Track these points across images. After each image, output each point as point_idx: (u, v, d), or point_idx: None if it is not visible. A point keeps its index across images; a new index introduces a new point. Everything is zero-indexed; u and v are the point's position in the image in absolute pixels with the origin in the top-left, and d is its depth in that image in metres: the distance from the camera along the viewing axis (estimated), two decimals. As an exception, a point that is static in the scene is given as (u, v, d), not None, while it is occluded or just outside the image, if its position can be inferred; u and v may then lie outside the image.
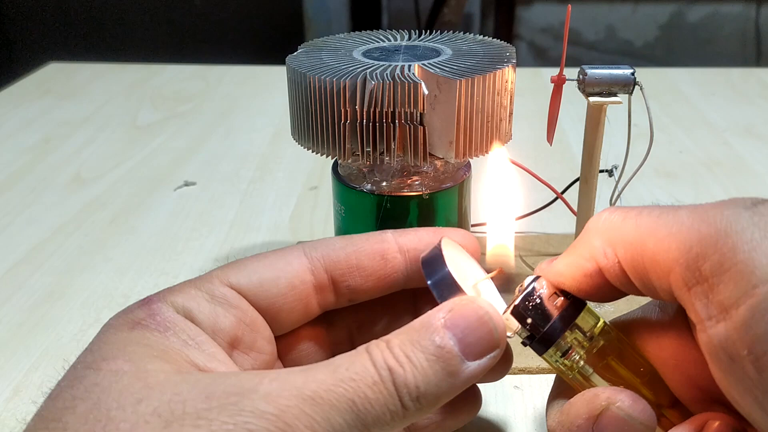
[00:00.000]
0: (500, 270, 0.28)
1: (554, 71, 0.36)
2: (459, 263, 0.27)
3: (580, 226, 0.40)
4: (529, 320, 0.26)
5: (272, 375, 0.22)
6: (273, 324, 0.28)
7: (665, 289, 0.24)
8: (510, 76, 0.34)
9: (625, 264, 0.25)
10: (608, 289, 0.26)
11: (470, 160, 0.37)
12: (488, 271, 0.28)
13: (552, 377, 0.35)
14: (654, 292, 0.25)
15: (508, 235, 0.29)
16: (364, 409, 0.22)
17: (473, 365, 0.23)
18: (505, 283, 0.42)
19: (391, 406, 0.22)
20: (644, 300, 0.27)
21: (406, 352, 0.23)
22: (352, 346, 0.24)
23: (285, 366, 0.29)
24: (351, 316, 0.30)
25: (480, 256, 0.29)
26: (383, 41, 0.38)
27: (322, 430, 0.21)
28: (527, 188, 0.54)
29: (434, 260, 0.26)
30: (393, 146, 0.32)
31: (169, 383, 0.22)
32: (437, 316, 0.23)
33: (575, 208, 0.41)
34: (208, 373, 0.24)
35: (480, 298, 0.25)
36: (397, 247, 0.28)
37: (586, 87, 0.36)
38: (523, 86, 0.51)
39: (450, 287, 0.25)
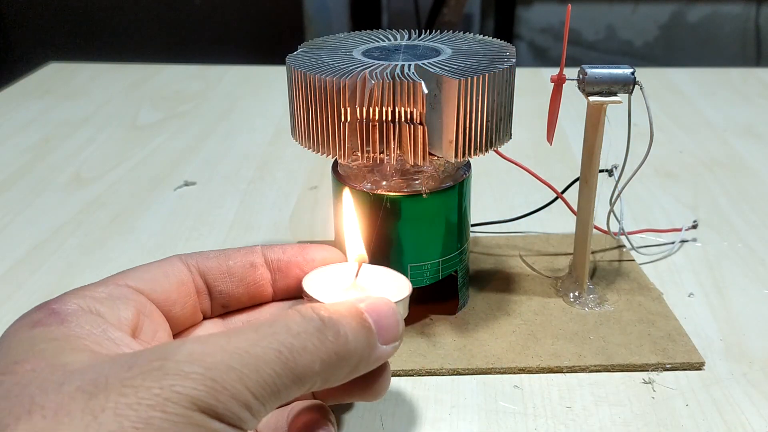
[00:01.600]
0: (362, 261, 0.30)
1: (554, 71, 0.36)
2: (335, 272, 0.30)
3: (580, 226, 0.40)
4: None
5: (194, 339, 0.22)
6: (169, 320, 0.29)
7: None
8: (509, 75, 0.34)
9: None
10: None
11: (470, 159, 0.37)
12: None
13: (553, 375, 0.35)
14: None
15: (360, 248, 0.31)
16: (292, 357, 0.22)
17: (382, 348, 0.25)
18: (508, 283, 0.42)
19: (322, 354, 0.23)
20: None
21: (339, 311, 0.24)
22: None
23: None
24: None
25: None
26: (383, 41, 0.38)
27: (252, 382, 0.21)
28: (527, 188, 0.55)
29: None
30: (393, 146, 0.32)
31: (88, 365, 0.22)
32: (357, 303, 0.25)
33: (575, 208, 0.41)
34: (124, 352, 0.24)
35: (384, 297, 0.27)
36: (263, 257, 0.31)
37: (586, 87, 0.36)
38: (523, 86, 0.51)
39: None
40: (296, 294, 0.31)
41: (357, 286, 0.29)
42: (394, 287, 0.29)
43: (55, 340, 0.23)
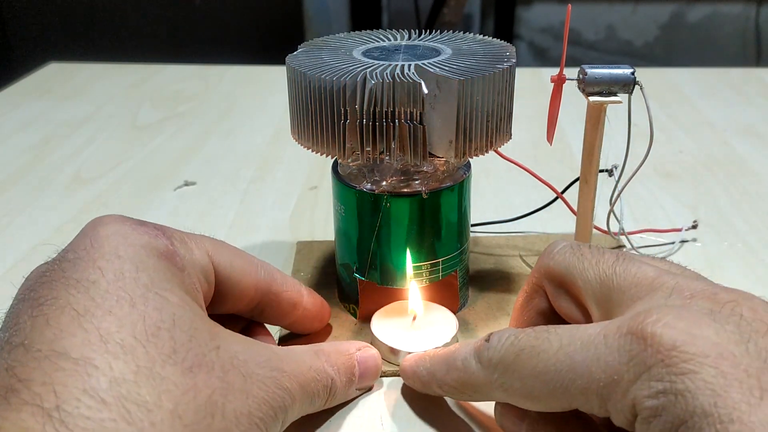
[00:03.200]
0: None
1: (554, 71, 0.36)
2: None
3: (580, 226, 0.40)
4: None
5: (292, 366, 0.28)
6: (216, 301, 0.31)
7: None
8: (509, 76, 0.34)
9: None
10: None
11: (470, 159, 0.37)
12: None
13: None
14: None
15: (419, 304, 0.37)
16: (309, 390, 0.29)
17: (355, 389, 0.33)
18: (508, 283, 0.42)
19: (322, 392, 0.30)
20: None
21: (338, 365, 0.31)
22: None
23: None
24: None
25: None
26: (383, 41, 0.38)
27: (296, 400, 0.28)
28: (527, 188, 0.55)
29: None
30: (393, 146, 0.32)
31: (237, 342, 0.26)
32: (353, 350, 0.32)
33: (575, 208, 0.41)
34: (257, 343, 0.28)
35: (372, 348, 0.34)
36: (303, 296, 0.35)
37: (586, 87, 0.36)
38: (523, 86, 0.51)
39: None
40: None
41: (413, 327, 0.36)
42: (443, 328, 0.36)
43: (181, 283, 0.26)
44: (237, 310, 0.32)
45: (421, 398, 0.34)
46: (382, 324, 0.36)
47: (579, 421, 0.27)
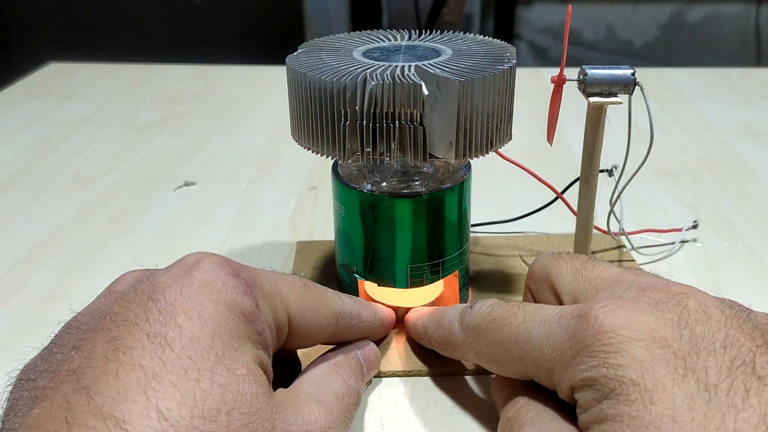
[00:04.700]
0: None
1: (554, 71, 0.36)
2: None
3: (580, 226, 0.40)
4: None
5: (336, 413, 0.28)
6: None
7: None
8: (510, 76, 0.34)
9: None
10: None
11: (470, 160, 0.37)
12: None
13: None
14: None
15: None
16: (349, 417, 0.29)
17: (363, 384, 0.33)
18: (508, 283, 0.42)
19: (353, 409, 0.30)
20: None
21: (353, 372, 0.31)
22: None
23: None
24: None
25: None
26: (383, 41, 0.38)
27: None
28: (527, 188, 0.55)
29: None
30: (393, 146, 0.32)
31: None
32: (357, 351, 0.33)
33: (575, 208, 0.41)
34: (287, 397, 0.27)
35: (370, 342, 0.34)
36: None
37: (586, 87, 0.36)
38: (523, 86, 0.51)
39: None
40: None
41: None
42: None
43: (255, 352, 0.25)
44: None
45: (421, 398, 0.34)
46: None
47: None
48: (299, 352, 0.34)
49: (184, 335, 0.23)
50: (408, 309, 0.38)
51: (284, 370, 0.31)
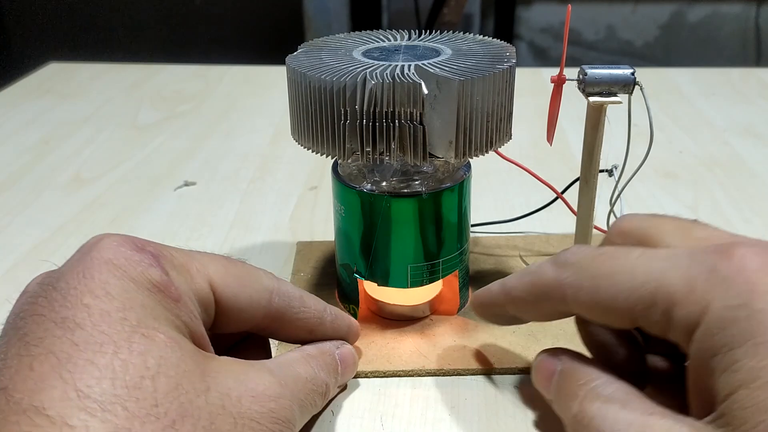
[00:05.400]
0: None
1: (554, 71, 0.36)
2: None
3: (580, 226, 0.40)
4: None
5: (291, 386, 0.28)
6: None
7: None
8: (509, 76, 0.34)
9: None
10: None
11: (470, 160, 0.37)
12: None
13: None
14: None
15: None
16: (307, 403, 0.29)
17: (336, 388, 0.33)
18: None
19: (318, 401, 0.30)
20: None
21: (326, 368, 0.31)
22: None
23: None
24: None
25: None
26: (383, 41, 0.38)
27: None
28: (527, 188, 0.55)
29: None
30: (393, 146, 0.32)
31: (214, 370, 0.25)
32: (334, 349, 0.32)
33: (575, 208, 0.41)
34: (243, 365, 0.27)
35: (348, 344, 0.34)
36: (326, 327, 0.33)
37: (586, 87, 0.36)
38: (523, 86, 0.51)
39: None
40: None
41: None
42: None
43: (175, 317, 0.25)
44: (243, 330, 0.31)
45: (421, 398, 0.34)
46: None
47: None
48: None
49: (93, 313, 0.23)
50: (408, 308, 0.38)
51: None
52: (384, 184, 0.35)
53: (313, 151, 0.34)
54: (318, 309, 0.32)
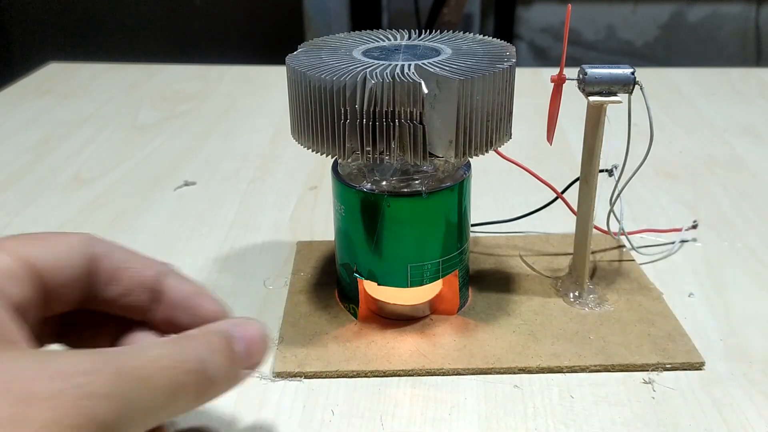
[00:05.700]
0: None
1: (554, 71, 0.36)
2: None
3: (580, 226, 0.40)
4: None
5: (122, 362, 0.23)
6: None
7: None
8: (509, 75, 0.34)
9: None
10: None
11: (470, 159, 0.37)
12: None
13: (553, 375, 0.35)
14: None
15: None
16: (161, 384, 0.24)
17: (243, 370, 0.27)
18: (508, 283, 0.42)
19: (190, 381, 0.24)
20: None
21: (209, 345, 0.26)
22: None
23: None
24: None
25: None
26: (383, 41, 0.38)
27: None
28: (527, 188, 0.55)
29: None
30: (393, 145, 0.32)
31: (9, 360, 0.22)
32: (233, 329, 0.27)
33: (575, 208, 0.41)
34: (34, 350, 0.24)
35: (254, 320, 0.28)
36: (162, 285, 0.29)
37: (586, 86, 0.36)
38: (523, 86, 0.51)
39: None
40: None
41: None
42: None
43: None
44: (85, 297, 0.28)
45: (421, 398, 0.34)
46: None
47: None
48: None
49: None
50: (408, 308, 0.38)
51: None
52: (384, 183, 0.35)
53: (313, 151, 0.34)
54: (155, 264, 0.29)
